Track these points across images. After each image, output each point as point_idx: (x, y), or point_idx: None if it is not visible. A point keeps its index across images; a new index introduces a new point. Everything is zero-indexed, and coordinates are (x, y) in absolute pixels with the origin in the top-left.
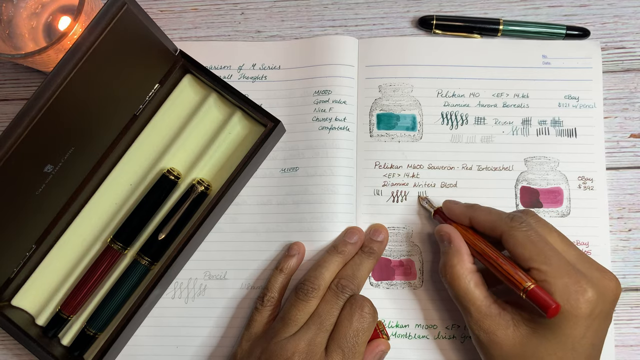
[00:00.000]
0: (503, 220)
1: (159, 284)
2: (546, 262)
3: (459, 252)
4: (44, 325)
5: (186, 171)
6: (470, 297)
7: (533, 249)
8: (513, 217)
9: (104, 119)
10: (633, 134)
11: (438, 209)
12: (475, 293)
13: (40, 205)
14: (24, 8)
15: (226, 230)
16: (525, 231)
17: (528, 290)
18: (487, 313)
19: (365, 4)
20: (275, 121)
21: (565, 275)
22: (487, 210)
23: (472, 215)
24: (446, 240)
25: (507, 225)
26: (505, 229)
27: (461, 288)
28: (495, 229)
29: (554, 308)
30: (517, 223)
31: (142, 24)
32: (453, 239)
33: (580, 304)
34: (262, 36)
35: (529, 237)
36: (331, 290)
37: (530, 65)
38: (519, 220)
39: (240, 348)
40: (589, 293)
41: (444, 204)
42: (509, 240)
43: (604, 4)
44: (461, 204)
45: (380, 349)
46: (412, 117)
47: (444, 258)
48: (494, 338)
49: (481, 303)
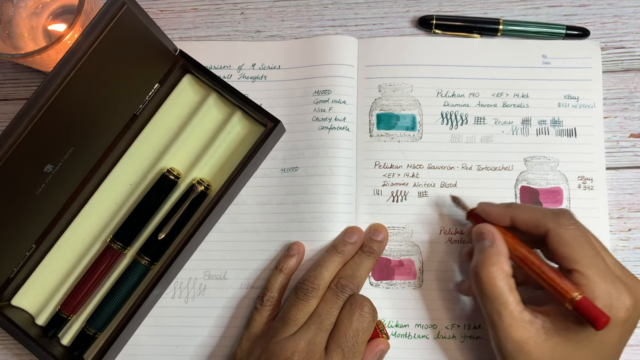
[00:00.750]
0: (549, 217)
1: (159, 284)
2: (591, 265)
3: (499, 253)
4: (44, 325)
5: (186, 171)
6: (504, 300)
7: (580, 250)
8: (559, 214)
9: (104, 118)
10: (633, 134)
11: (472, 211)
12: (510, 297)
13: (40, 205)
14: (24, 8)
15: (226, 230)
16: (573, 230)
17: (576, 300)
18: (519, 319)
19: (365, 4)
20: (275, 121)
21: (608, 281)
22: (530, 208)
23: (514, 213)
24: (488, 239)
25: (554, 222)
26: (552, 226)
27: (496, 290)
28: (540, 226)
29: (605, 321)
30: (565, 220)
31: (142, 24)
32: (496, 239)
33: (621, 312)
34: (262, 36)
35: (577, 237)
36: (331, 290)
37: (530, 65)
38: (566, 217)
39: (240, 348)
40: (628, 301)
41: (480, 206)
42: (556, 238)
43: (604, 4)
44: (498, 204)
45: (380, 349)
46: (412, 117)
47: (481, 257)
48: (523, 346)
49: (514, 308)
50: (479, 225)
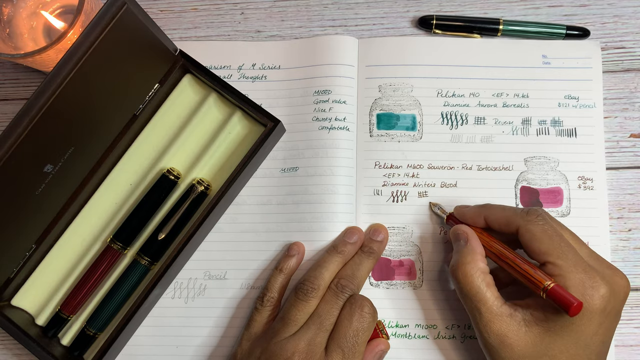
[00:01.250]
0: (519, 215)
1: (159, 284)
2: (562, 256)
3: (474, 252)
4: (44, 325)
5: (186, 171)
6: (482, 297)
7: (550, 243)
8: (529, 212)
9: (104, 118)
10: (633, 134)
11: (450, 215)
12: (487, 293)
13: (40, 205)
14: (24, 8)
15: (226, 230)
16: (541, 225)
17: (548, 288)
18: (498, 313)
19: (365, 4)
20: (275, 121)
21: (581, 271)
22: (501, 207)
23: (487, 213)
24: (462, 239)
25: (523, 220)
26: (522, 223)
27: (473, 287)
28: (511, 223)
29: (576, 306)
30: (534, 217)
31: (142, 24)
32: (470, 238)
33: (595, 299)
34: (262, 36)
35: (546, 231)
36: (331, 290)
37: (530, 65)
38: (534, 214)
39: (240, 348)
40: (602, 289)
41: (456, 209)
42: (525, 234)
43: (604, 4)
44: (473, 206)
45: (380, 349)
46: (412, 117)
47: (457, 257)
48: (505, 340)
49: (492, 303)
50: (455, 226)
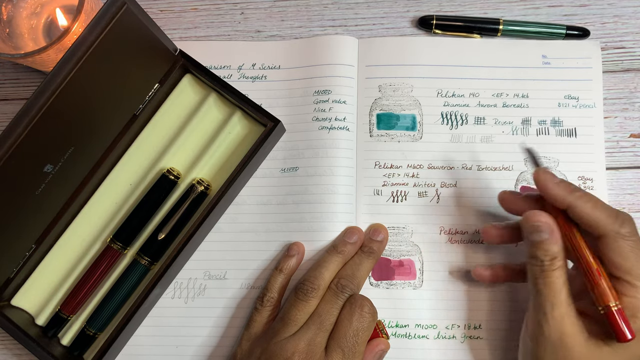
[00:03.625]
0: (610, 223)
1: (159, 284)
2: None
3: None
4: (44, 325)
5: (186, 171)
6: (559, 293)
7: (635, 262)
8: (623, 223)
9: (104, 118)
10: (633, 134)
11: (526, 186)
12: (563, 290)
13: (40, 205)
14: (23, 8)
15: (226, 230)
16: (633, 241)
17: (610, 309)
18: (568, 313)
19: (365, 4)
20: (275, 121)
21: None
22: (593, 203)
23: (575, 204)
24: (545, 232)
25: (614, 231)
26: (612, 234)
27: (552, 286)
28: (599, 229)
29: (628, 339)
30: (627, 231)
31: (142, 24)
32: (554, 233)
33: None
34: (261, 36)
35: (633, 249)
36: (331, 290)
37: (530, 65)
38: (627, 226)
39: (240, 348)
40: None
41: (539, 173)
42: (613, 246)
43: (604, 4)
44: (561, 183)
45: (380, 349)
46: (412, 117)
47: (535, 247)
48: (566, 339)
49: (564, 301)
50: (533, 213)
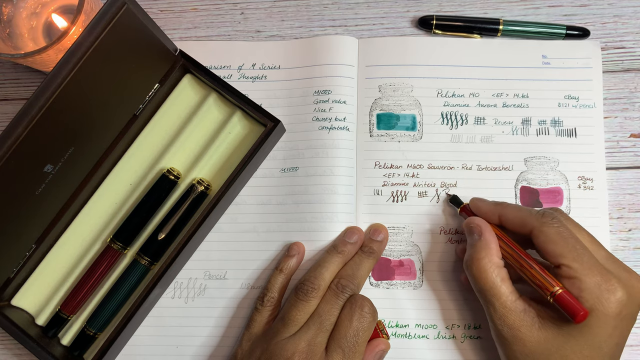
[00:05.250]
0: (534, 216)
1: (159, 284)
2: (577, 259)
3: (488, 246)
4: (44, 325)
5: (186, 171)
6: (496, 291)
7: (564, 245)
8: (544, 213)
9: (104, 118)
10: (633, 134)
11: (465, 206)
12: (501, 288)
13: (40, 205)
14: (23, 8)
15: (226, 230)
16: (556, 227)
17: (556, 294)
18: (512, 308)
19: (365, 4)
20: (275, 121)
21: (597, 274)
22: (517, 207)
23: (502, 212)
24: (476, 233)
25: (538, 221)
26: (536, 224)
27: (487, 282)
28: (526, 225)
29: (582, 315)
30: (549, 219)
31: (142, 24)
32: (484, 232)
33: (611, 303)
34: (261, 36)
35: (561, 234)
36: (331, 290)
37: (530, 65)
38: (550, 216)
39: (241, 348)
40: (619, 293)
41: (472, 201)
42: (540, 235)
43: (604, 4)
44: (489, 201)
45: (380, 349)
46: (412, 117)
47: (472, 250)
48: (517, 334)
49: (506, 298)
50: (469, 218)
